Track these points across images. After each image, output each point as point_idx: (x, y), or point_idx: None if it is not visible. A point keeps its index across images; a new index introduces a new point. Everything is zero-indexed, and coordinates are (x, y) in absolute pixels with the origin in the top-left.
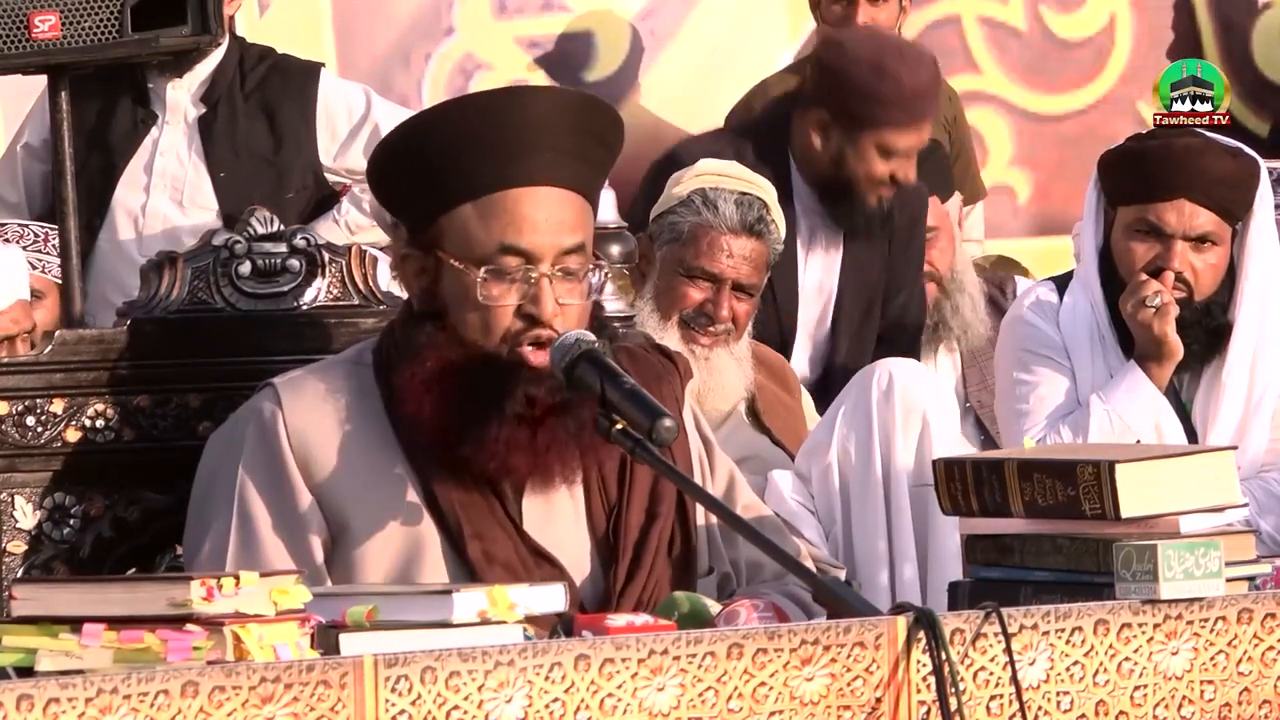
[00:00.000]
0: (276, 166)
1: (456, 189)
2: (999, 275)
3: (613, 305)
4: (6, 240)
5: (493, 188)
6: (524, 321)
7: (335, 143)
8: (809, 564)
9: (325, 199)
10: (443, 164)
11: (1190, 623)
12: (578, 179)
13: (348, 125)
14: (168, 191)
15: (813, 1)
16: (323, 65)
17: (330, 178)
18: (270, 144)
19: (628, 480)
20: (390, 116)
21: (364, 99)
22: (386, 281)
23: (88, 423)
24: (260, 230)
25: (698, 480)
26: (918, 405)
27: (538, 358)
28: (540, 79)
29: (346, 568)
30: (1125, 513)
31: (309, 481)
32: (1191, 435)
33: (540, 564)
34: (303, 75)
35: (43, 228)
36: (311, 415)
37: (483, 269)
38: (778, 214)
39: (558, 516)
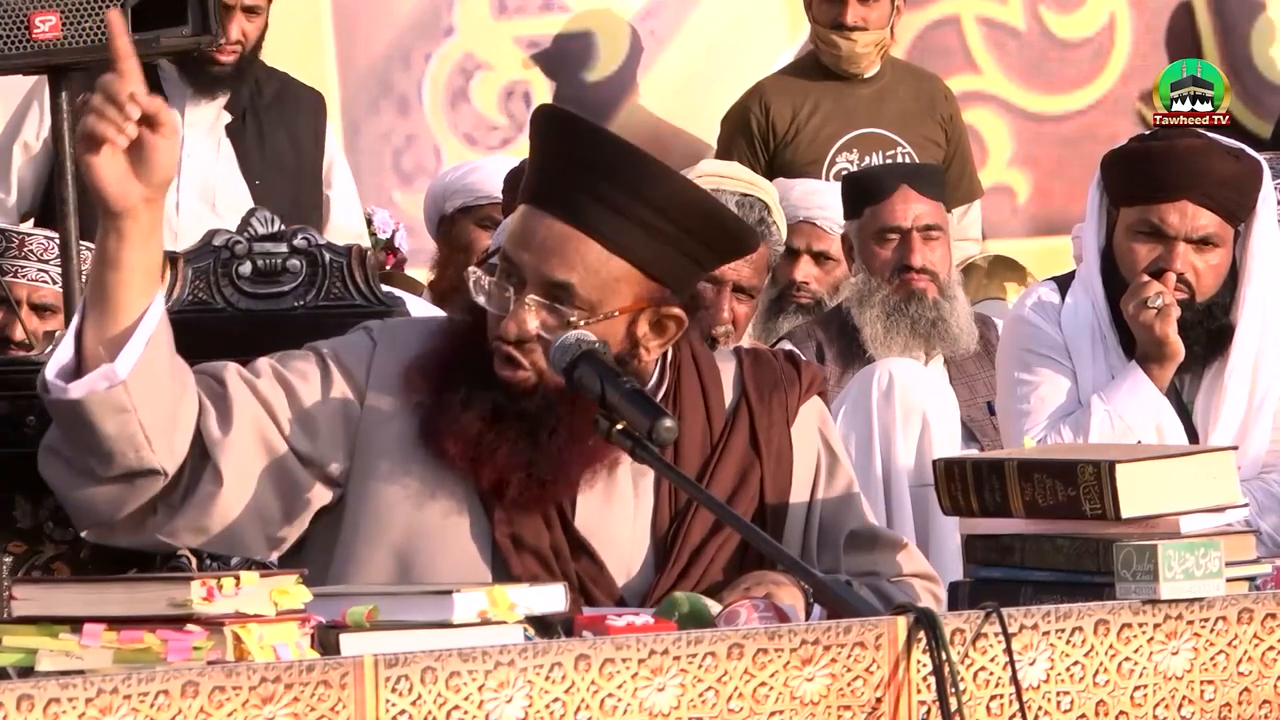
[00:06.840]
0: (299, 180)
1: (525, 188)
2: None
3: None
4: (31, 252)
5: (528, 202)
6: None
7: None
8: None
9: None
10: (536, 160)
11: (1190, 623)
12: (616, 240)
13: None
14: (198, 192)
15: (806, 2)
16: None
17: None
18: (293, 157)
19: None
20: (341, 188)
21: (343, 161)
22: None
23: None
24: (261, 230)
25: (807, 488)
26: (918, 405)
27: (498, 366)
28: (539, 79)
29: (372, 509)
30: (1125, 513)
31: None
32: (1193, 436)
33: (579, 556)
34: (312, 101)
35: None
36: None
37: (474, 267)
38: (779, 215)
39: (614, 513)
